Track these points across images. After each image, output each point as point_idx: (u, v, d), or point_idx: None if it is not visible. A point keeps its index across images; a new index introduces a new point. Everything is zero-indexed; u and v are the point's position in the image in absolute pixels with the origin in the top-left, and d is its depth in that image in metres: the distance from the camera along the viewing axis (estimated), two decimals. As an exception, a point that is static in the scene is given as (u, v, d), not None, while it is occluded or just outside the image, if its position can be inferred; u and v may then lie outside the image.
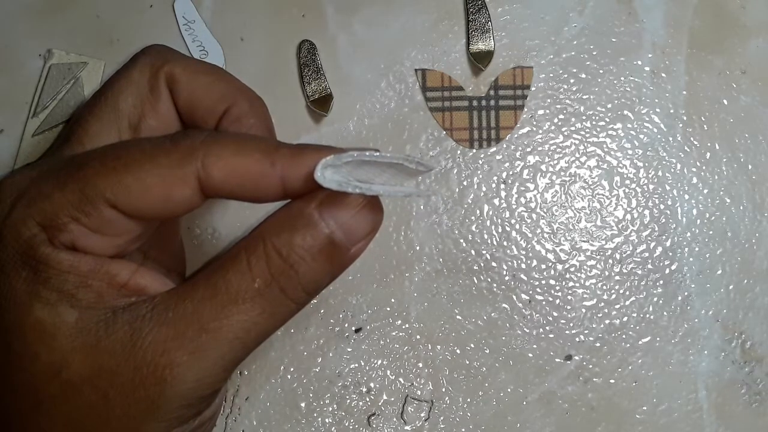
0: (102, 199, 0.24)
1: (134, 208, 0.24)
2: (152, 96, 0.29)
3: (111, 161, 0.24)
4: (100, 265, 0.24)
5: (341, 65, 0.41)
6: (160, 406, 0.24)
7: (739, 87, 0.41)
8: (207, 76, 0.30)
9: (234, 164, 0.24)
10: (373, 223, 0.25)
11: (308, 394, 0.39)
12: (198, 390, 0.25)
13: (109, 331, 0.24)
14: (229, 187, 0.24)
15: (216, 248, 0.39)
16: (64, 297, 0.24)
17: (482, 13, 0.41)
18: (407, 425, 0.39)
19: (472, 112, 0.41)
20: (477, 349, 0.39)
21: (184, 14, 0.41)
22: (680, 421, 0.39)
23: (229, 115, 0.30)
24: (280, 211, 0.25)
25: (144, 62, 0.30)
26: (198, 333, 0.24)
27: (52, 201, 0.24)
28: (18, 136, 0.40)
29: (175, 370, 0.24)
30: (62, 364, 0.24)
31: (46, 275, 0.24)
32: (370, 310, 0.40)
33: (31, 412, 0.24)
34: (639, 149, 0.41)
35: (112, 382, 0.24)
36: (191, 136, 0.25)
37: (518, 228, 0.40)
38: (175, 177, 0.24)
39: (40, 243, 0.24)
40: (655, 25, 0.41)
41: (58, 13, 0.41)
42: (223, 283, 0.24)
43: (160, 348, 0.24)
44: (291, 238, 0.24)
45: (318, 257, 0.24)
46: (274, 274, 0.24)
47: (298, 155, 0.24)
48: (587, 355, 0.39)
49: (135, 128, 0.29)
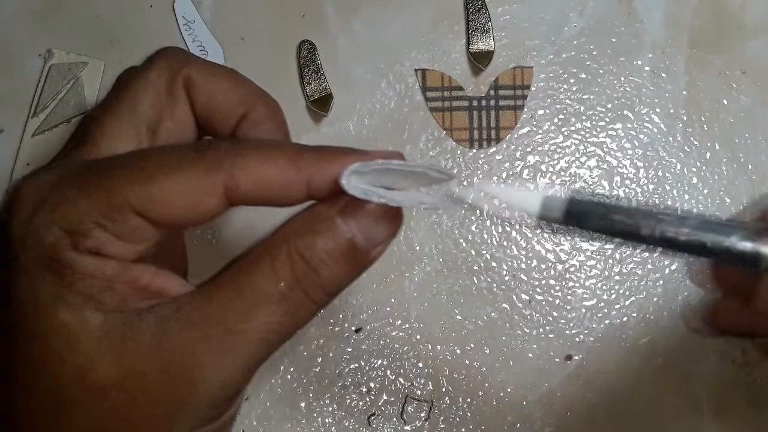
0: (129, 207, 0.24)
1: (161, 217, 0.24)
2: (170, 99, 0.29)
3: (138, 170, 0.24)
4: (124, 269, 0.24)
5: (341, 65, 0.41)
6: (188, 406, 0.24)
7: (739, 87, 0.41)
8: (225, 80, 0.30)
9: (261, 172, 0.24)
10: (393, 228, 0.26)
11: (308, 394, 0.39)
12: (224, 390, 0.25)
13: (134, 333, 0.24)
14: (256, 195, 0.25)
15: (216, 248, 0.39)
16: (90, 300, 0.24)
17: (482, 13, 0.41)
18: (407, 425, 0.39)
19: (472, 112, 0.41)
20: (477, 349, 0.39)
21: (184, 14, 0.41)
22: (680, 421, 0.39)
23: (247, 120, 0.30)
24: (303, 215, 0.25)
25: (161, 65, 0.29)
26: (225, 334, 0.24)
27: (78, 207, 0.24)
28: (18, 136, 0.40)
29: (203, 371, 0.24)
30: (89, 367, 0.24)
31: (71, 279, 0.24)
32: (370, 310, 0.40)
33: (55, 416, 0.24)
34: (639, 149, 0.41)
35: (139, 384, 0.24)
36: (216, 146, 0.25)
37: (518, 228, 0.40)
38: (203, 187, 0.24)
39: (65, 248, 0.24)
40: (655, 25, 0.41)
41: (58, 13, 0.41)
42: (249, 285, 0.24)
43: (188, 349, 0.24)
44: (314, 242, 0.25)
45: (340, 260, 0.25)
46: (297, 276, 0.25)
47: (324, 160, 0.25)
48: (587, 355, 0.39)
49: (152, 131, 0.29)
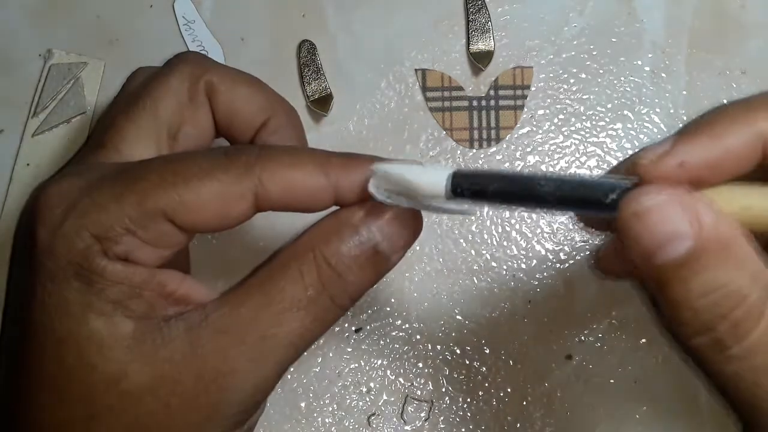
0: (160, 213, 0.24)
1: (191, 223, 0.24)
2: (192, 105, 0.29)
3: (169, 175, 0.24)
4: (152, 275, 0.25)
5: (341, 65, 0.41)
6: (221, 412, 0.25)
7: (739, 87, 0.41)
8: (246, 87, 0.30)
9: (290, 178, 0.25)
10: (414, 232, 0.26)
11: (308, 394, 0.39)
12: (256, 395, 0.25)
13: (165, 340, 0.24)
14: (285, 201, 0.25)
15: (216, 248, 0.39)
16: (119, 308, 0.24)
17: (482, 13, 0.41)
18: (407, 425, 0.39)
19: (472, 112, 0.41)
20: (477, 349, 0.39)
21: (184, 14, 0.41)
22: (680, 420, 0.39)
23: (268, 127, 0.30)
24: (327, 221, 0.26)
25: (182, 70, 0.30)
26: (258, 340, 0.24)
27: (108, 213, 0.24)
28: (18, 136, 0.40)
29: (236, 377, 0.24)
30: (121, 374, 0.24)
31: (100, 286, 0.24)
32: (370, 310, 0.40)
33: (86, 424, 0.24)
34: (639, 149, 0.41)
35: (173, 391, 0.24)
36: (246, 152, 0.25)
37: (518, 228, 0.40)
38: (234, 193, 0.24)
39: (95, 254, 0.24)
40: (655, 25, 0.41)
41: (58, 13, 0.41)
42: (278, 292, 0.25)
43: (221, 355, 0.24)
44: (339, 248, 0.25)
45: (365, 266, 0.25)
46: (324, 282, 0.25)
47: (351, 166, 0.25)
48: (587, 355, 0.39)
49: (173, 136, 0.29)
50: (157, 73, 0.30)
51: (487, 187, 0.23)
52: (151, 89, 0.29)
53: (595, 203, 0.23)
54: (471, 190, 0.24)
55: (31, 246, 0.24)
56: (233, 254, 0.40)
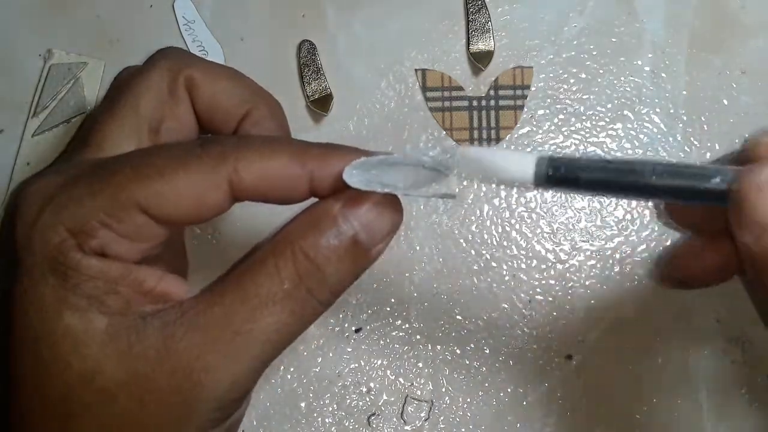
0: (135, 205, 0.24)
1: (166, 214, 0.24)
2: (172, 100, 0.29)
3: (143, 167, 0.24)
4: (129, 271, 0.24)
5: (341, 65, 0.41)
6: (196, 409, 0.24)
7: (739, 87, 0.41)
8: (227, 80, 0.30)
9: (266, 168, 0.25)
10: (393, 222, 0.26)
11: (308, 394, 0.39)
12: (232, 392, 0.25)
13: (140, 337, 0.24)
14: (261, 190, 0.25)
15: (215, 248, 0.39)
16: (94, 303, 0.24)
17: (482, 13, 0.41)
18: (407, 425, 0.39)
19: (472, 112, 0.41)
20: (477, 349, 0.39)
21: (184, 14, 0.41)
22: (680, 421, 0.39)
23: (249, 119, 0.30)
24: (305, 213, 0.26)
25: (162, 65, 0.30)
26: (231, 336, 0.24)
27: (83, 206, 0.24)
28: (18, 136, 0.40)
29: (210, 374, 0.24)
30: (95, 371, 0.24)
31: (75, 281, 0.24)
32: (370, 310, 0.40)
33: (62, 421, 0.24)
34: (639, 149, 0.41)
35: (147, 388, 0.24)
36: (222, 142, 0.25)
37: (518, 228, 0.40)
38: (209, 183, 0.24)
39: (69, 248, 0.24)
40: (655, 25, 0.41)
41: (58, 13, 0.41)
42: (253, 287, 0.25)
43: (195, 352, 0.24)
44: (317, 240, 0.25)
45: (343, 258, 0.25)
46: (301, 275, 0.25)
47: (328, 156, 0.25)
48: (587, 355, 0.39)
49: (154, 131, 0.29)
50: (139, 70, 0.30)
51: (588, 176, 0.23)
52: (132, 86, 0.29)
53: (701, 191, 0.22)
54: (566, 177, 0.23)
55: (12, 242, 0.24)
56: (233, 254, 0.39)
